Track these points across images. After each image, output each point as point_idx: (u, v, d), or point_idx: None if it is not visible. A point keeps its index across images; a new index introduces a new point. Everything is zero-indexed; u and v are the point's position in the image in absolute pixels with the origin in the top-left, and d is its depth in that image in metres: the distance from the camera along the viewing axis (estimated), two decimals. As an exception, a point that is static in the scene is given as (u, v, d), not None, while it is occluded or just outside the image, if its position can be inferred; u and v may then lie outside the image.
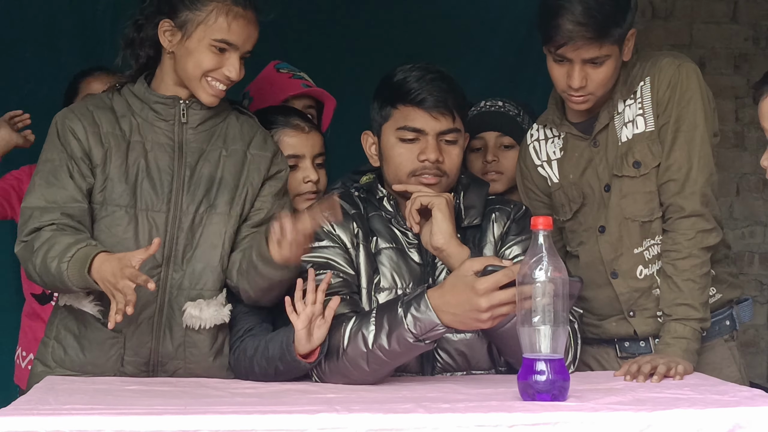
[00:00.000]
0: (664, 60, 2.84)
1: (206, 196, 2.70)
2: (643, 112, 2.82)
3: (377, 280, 2.70)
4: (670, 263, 2.75)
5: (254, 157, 2.77)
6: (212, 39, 2.64)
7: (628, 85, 2.84)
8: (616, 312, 2.89)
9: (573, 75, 2.75)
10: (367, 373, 2.49)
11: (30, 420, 1.92)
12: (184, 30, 2.65)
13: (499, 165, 3.24)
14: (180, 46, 2.66)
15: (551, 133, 2.98)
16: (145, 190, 2.66)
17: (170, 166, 2.68)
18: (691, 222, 2.76)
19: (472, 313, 2.30)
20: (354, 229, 2.72)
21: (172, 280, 2.67)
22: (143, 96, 2.71)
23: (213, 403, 2.18)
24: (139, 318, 2.64)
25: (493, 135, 3.26)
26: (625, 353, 2.89)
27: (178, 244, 2.67)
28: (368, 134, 2.80)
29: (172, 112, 2.71)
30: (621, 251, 2.85)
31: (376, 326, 2.45)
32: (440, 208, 2.62)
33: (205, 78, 2.66)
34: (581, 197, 2.90)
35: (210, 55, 2.65)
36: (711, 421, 1.96)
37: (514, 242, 2.75)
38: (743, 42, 5.69)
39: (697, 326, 2.72)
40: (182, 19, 2.65)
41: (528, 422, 1.95)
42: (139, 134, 2.69)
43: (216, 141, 2.74)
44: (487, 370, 2.71)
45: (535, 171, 3.01)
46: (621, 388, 2.39)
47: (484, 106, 3.32)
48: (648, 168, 2.80)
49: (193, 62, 2.65)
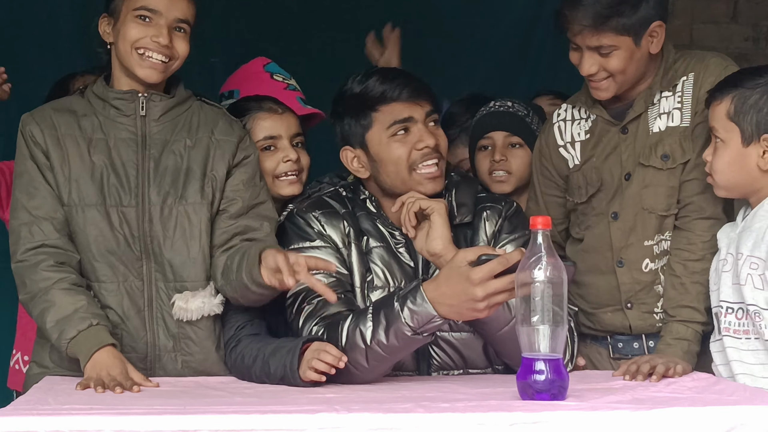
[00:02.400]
0: (712, 59, 2.86)
1: (173, 186, 2.70)
2: (682, 107, 2.83)
3: (370, 279, 2.70)
4: (681, 263, 2.76)
5: (219, 143, 2.76)
6: (133, 9, 2.68)
7: (669, 78, 2.85)
8: (613, 302, 2.88)
9: (582, 61, 2.79)
10: (366, 370, 2.49)
11: (30, 420, 1.92)
12: (115, 16, 2.71)
13: (508, 164, 3.24)
14: (115, 32, 2.72)
15: (579, 115, 2.98)
16: (112, 185, 2.68)
17: (134, 160, 2.70)
18: (709, 224, 2.77)
19: (469, 303, 2.31)
20: (345, 228, 2.73)
21: (156, 273, 2.68)
22: (102, 94, 2.74)
23: (213, 403, 2.19)
24: (129, 313, 2.66)
25: (501, 135, 3.26)
26: (618, 354, 2.89)
27: (151, 237, 2.68)
28: (348, 149, 2.79)
29: (132, 106, 2.72)
30: (632, 240, 2.85)
31: (374, 322, 2.45)
32: (440, 213, 2.62)
33: (136, 51, 2.69)
34: (599, 182, 2.90)
35: (135, 25, 2.69)
36: (710, 420, 1.96)
37: (507, 240, 2.75)
38: (743, 42, 5.69)
39: (699, 329, 2.72)
40: (113, 8, 2.72)
41: (527, 421, 1.95)
42: (102, 132, 2.71)
43: (180, 131, 2.75)
44: (484, 368, 2.72)
45: (555, 151, 3.00)
46: (620, 388, 2.40)
47: (493, 107, 3.32)
48: (676, 162, 2.81)
49: (122, 39, 2.70)
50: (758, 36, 5.69)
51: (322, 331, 2.55)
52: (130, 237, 2.67)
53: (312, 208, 2.76)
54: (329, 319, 2.57)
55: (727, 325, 2.61)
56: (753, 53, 5.69)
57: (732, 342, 2.59)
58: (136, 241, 2.67)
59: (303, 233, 2.72)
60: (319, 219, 2.73)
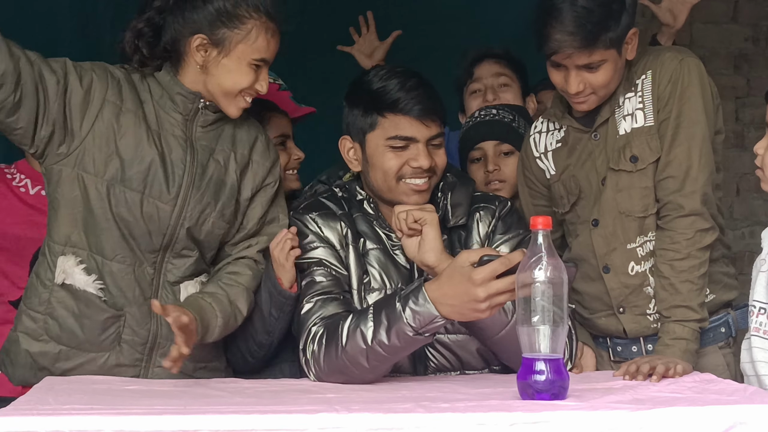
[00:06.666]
0: (666, 54, 2.84)
1: (214, 198, 2.70)
2: (643, 107, 2.81)
3: (366, 281, 2.70)
4: (667, 263, 2.74)
5: (253, 163, 2.77)
6: (252, 58, 2.63)
7: (629, 78, 2.83)
8: (605, 307, 2.88)
9: (569, 81, 2.75)
10: (366, 370, 2.49)
11: (30, 420, 1.92)
12: (221, 47, 2.62)
13: (501, 173, 3.24)
14: (215, 62, 2.64)
15: (552, 126, 2.98)
16: (158, 179, 2.65)
17: (183, 160, 2.68)
18: (690, 221, 2.75)
19: (471, 304, 2.31)
20: (342, 229, 2.73)
21: (169, 265, 2.69)
22: (167, 84, 2.69)
23: (213, 403, 2.19)
24: (139, 299, 2.66)
25: (491, 144, 3.27)
26: (618, 357, 2.89)
27: (178, 237, 2.68)
28: (347, 139, 2.80)
29: (190, 107, 2.70)
30: (614, 246, 2.84)
31: (375, 322, 2.45)
32: (432, 225, 2.62)
33: (240, 94, 2.66)
34: (578, 189, 2.90)
35: (250, 73, 2.64)
36: (710, 420, 1.96)
37: (501, 241, 2.76)
38: (743, 42, 5.70)
39: (696, 326, 2.72)
40: (219, 36, 2.62)
41: (528, 421, 1.95)
42: (156, 123, 2.68)
43: (223, 141, 2.74)
44: (480, 369, 2.73)
45: (534, 162, 3.01)
46: (620, 388, 2.39)
47: (479, 116, 3.32)
48: (645, 163, 2.79)
49: (231, 80, 2.64)
50: (758, 36, 5.70)
51: (322, 330, 2.55)
52: (156, 231, 2.66)
53: (309, 210, 2.77)
54: (328, 320, 2.57)
55: (757, 325, 2.56)
56: (753, 53, 5.70)
57: (759, 342, 2.56)
58: (162, 236, 2.66)
59: (301, 235, 2.73)
60: (316, 220, 2.74)
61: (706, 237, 2.76)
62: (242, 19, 2.62)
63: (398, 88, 2.69)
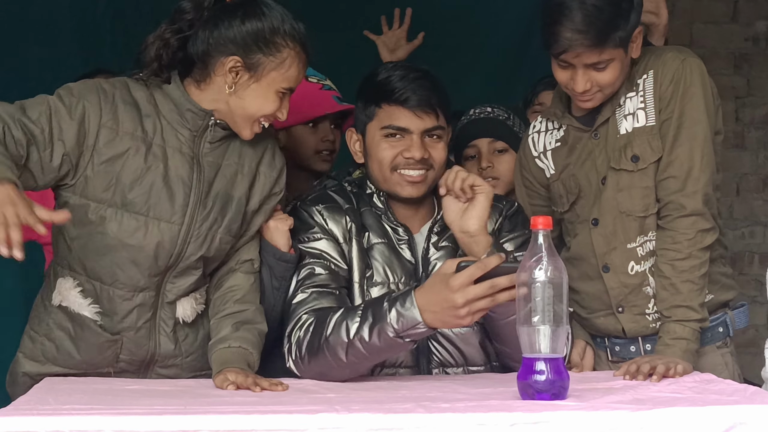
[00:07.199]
0: (668, 54, 2.83)
1: (220, 214, 2.65)
2: (645, 106, 2.80)
3: (369, 275, 2.71)
4: (668, 263, 2.74)
5: (260, 175, 2.72)
6: (282, 86, 2.58)
7: (631, 78, 2.82)
8: (604, 307, 2.87)
9: (576, 80, 2.74)
10: (344, 365, 2.50)
11: (30, 420, 1.92)
12: (253, 72, 2.56)
13: (495, 171, 3.25)
14: (244, 85, 2.58)
15: (551, 125, 2.98)
16: (162, 199, 2.58)
17: (189, 178, 2.60)
18: (691, 221, 2.74)
19: (450, 311, 2.32)
20: (347, 223, 2.74)
21: (169, 285, 2.65)
22: (177, 99, 2.60)
23: (213, 403, 2.18)
24: (138, 323, 2.63)
25: (485, 141, 3.27)
26: (616, 357, 2.88)
27: (184, 258, 2.63)
28: (353, 131, 2.84)
29: (199, 123, 2.62)
30: (614, 245, 2.83)
31: (361, 318, 2.47)
32: (488, 197, 2.67)
33: (258, 119, 2.62)
34: (578, 188, 2.89)
35: (276, 101, 2.59)
36: (710, 420, 1.96)
37: (507, 239, 2.78)
38: (743, 42, 5.70)
39: (696, 326, 2.71)
40: (254, 61, 2.56)
41: (528, 421, 1.95)
42: (161, 138, 2.59)
43: (231, 156, 2.67)
44: (483, 365, 2.74)
45: (533, 162, 3.00)
46: (620, 388, 2.39)
47: (474, 114, 3.33)
48: (646, 163, 2.79)
49: (257, 106, 2.58)
50: (758, 36, 5.70)
51: (312, 319, 2.57)
52: (163, 252, 2.59)
53: (315, 202, 2.78)
54: (320, 311, 2.58)
55: None
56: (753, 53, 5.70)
57: None
58: (168, 257, 2.61)
59: (306, 226, 2.74)
60: (322, 213, 2.75)
61: (707, 237, 2.75)
62: (279, 47, 2.57)
63: (399, 78, 2.71)
